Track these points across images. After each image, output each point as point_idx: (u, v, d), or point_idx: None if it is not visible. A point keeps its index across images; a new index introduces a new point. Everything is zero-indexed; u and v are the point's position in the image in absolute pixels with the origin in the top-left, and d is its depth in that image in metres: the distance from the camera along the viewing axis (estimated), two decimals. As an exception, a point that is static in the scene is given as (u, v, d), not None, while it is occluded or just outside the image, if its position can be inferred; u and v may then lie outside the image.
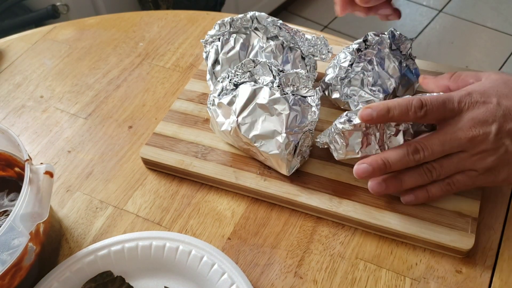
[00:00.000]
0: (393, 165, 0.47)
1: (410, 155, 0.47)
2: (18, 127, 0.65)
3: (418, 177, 0.48)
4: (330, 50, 0.60)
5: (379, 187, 0.49)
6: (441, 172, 0.48)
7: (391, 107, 0.47)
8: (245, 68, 0.54)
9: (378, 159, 0.48)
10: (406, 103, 0.47)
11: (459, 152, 0.47)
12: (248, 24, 0.60)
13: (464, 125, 0.46)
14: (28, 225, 0.43)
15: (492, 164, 0.46)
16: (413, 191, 0.49)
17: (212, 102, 0.55)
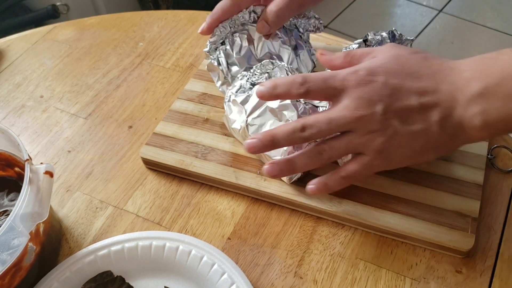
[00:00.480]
0: (281, 141, 0.46)
1: (298, 132, 0.45)
2: (18, 127, 0.65)
3: (309, 160, 0.47)
4: (321, 22, 0.61)
5: (272, 170, 0.47)
6: (331, 154, 0.46)
7: (278, 84, 0.46)
8: (264, 69, 0.54)
9: (266, 134, 0.46)
10: (290, 80, 0.46)
11: (348, 133, 0.45)
12: (245, 19, 0.60)
13: (350, 104, 0.44)
14: (28, 225, 0.43)
15: (382, 146, 0.44)
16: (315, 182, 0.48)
17: (229, 98, 0.55)
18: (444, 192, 0.52)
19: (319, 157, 0.46)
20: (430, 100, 0.43)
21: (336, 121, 0.45)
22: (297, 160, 0.47)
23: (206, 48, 0.60)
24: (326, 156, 0.46)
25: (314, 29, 0.61)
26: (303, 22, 0.61)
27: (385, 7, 2.06)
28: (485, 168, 0.53)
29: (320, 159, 0.46)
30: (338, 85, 0.45)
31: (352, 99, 0.44)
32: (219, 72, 0.60)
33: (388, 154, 0.45)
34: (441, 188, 0.52)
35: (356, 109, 0.44)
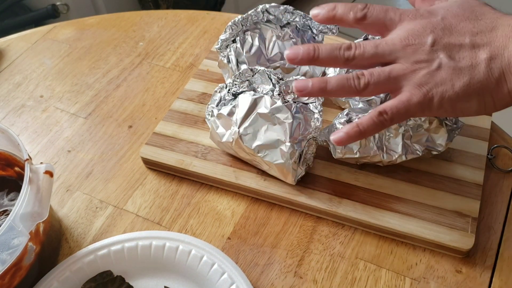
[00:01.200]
0: (322, 54, 0.44)
1: (342, 49, 0.44)
2: (18, 126, 0.65)
3: (344, 81, 0.44)
4: (335, 24, 0.60)
5: (304, 83, 0.45)
6: (370, 80, 0.43)
7: (338, 5, 0.46)
8: (243, 77, 0.53)
9: (310, 45, 0.45)
10: (352, 4, 0.45)
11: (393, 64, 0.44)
12: (258, 18, 0.60)
13: (402, 33, 0.44)
14: (28, 224, 0.43)
15: (424, 79, 0.42)
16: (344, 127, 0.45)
17: (211, 113, 0.55)
18: (444, 192, 0.52)
19: (356, 81, 0.43)
20: (483, 39, 0.43)
21: (383, 47, 0.44)
22: (332, 79, 0.44)
23: (217, 45, 0.60)
24: (364, 81, 0.43)
25: (328, 30, 0.61)
26: (317, 24, 0.61)
27: (385, 7, 2.05)
28: (485, 168, 0.53)
29: (356, 83, 0.43)
30: (396, 17, 0.45)
31: (405, 30, 0.44)
32: (229, 70, 0.60)
33: (429, 90, 0.42)
34: (441, 188, 0.52)
35: (407, 37, 0.43)
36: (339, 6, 0.46)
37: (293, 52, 0.45)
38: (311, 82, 0.44)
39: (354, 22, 0.46)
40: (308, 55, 0.45)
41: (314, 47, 0.44)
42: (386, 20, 0.45)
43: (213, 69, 0.67)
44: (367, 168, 0.54)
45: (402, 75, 0.43)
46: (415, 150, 0.51)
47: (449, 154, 0.55)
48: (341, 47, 0.44)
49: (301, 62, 0.45)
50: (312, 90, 0.45)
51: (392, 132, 0.50)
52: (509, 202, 0.53)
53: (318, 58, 0.45)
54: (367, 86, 0.43)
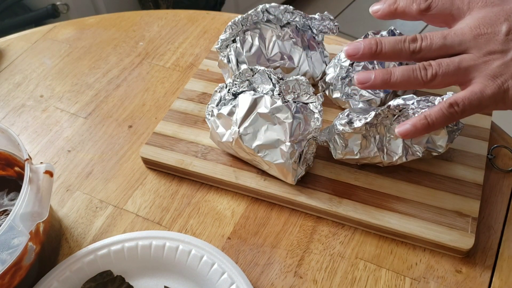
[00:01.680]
0: (385, 47, 0.42)
1: (407, 42, 0.41)
2: (18, 126, 0.65)
3: (410, 72, 0.41)
4: (336, 24, 0.60)
5: (366, 75, 0.42)
6: (438, 71, 0.40)
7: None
8: (243, 77, 0.53)
9: (372, 39, 0.42)
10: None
11: (462, 54, 0.41)
12: (258, 18, 0.60)
13: (472, 22, 0.41)
14: (28, 224, 0.43)
15: (498, 70, 0.39)
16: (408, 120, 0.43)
17: (211, 113, 0.55)
18: (444, 192, 0.52)
19: (423, 72, 0.41)
20: None
21: (451, 37, 0.41)
22: (396, 70, 0.41)
23: (217, 45, 0.60)
24: (431, 72, 0.40)
25: (328, 30, 0.61)
26: (317, 23, 0.61)
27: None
28: (485, 168, 0.53)
29: (423, 74, 0.41)
30: (464, 5, 0.42)
31: (475, 18, 0.41)
32: (229, 70, 0.60)
33: (503, 82, 0.40)
34: (441, 188, 0.52)
35: (478, 26, 0.40)
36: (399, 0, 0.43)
37: (353, 48, 0.43)
38: (373, 74, 0.42)
39: (418, 14, 0.43)
40: (370, 50, 0.42)
41: (376, 41, 0.42)
42: (453, 10, 0.42)
43: (213, 69, 0.67)
44: (367, 168, 0.54)
45: (473, 65, 0.40)
46: (415, 151, 0.51)
47: (449, 154, 0.55)
48: (406, 40, 0.42)
49: (362, 57, 0.43)
50: (375, 82, 0.42)
51: (392, 133, 0.50)
52: (509, 202, 0.53)
53: (381, 52, 0.42)
54: (435, 78, 0.41)
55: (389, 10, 0.44)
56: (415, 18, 0.44)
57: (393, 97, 0.58)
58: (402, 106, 0.49)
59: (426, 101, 0.49)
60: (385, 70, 0.42)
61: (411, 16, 0.44)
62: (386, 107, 0.49)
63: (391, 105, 0.49)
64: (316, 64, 0.61)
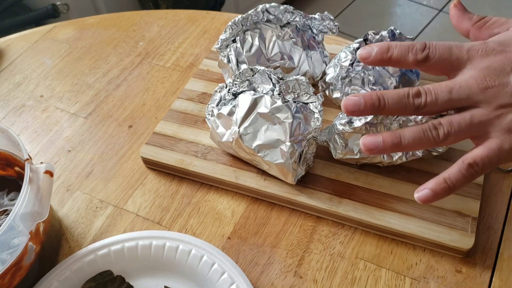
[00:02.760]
0: (388, 104, 0.39)
1: (411, 97, 0.39)
2: (18, 126, 0.65)
3: (421, 133, 0.39)
4: (336, 24, 0.60)
5: (374, 141, 0.40)
6: (450, 131, 0.39)
7: (392, 46, 0.41)
8: (244, 77, 0.53)
9: (373, 93, 0.40)
10: (408, 44, 0.41)
11: (472, 108, 0.39)
12: (258, 18, 0.60)
13: (477, 74, 0.39)
14: (28, 224, 0.43)
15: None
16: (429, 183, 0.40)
17: (211, 113, 0.55)
18: (444, 192, 0.52)
19: (434, 132, 0.39)
20: None
21: (458, 92, 0.39)
22: (406, 133, 0.39)
23: (217, 45, 0.60)
24: (443, 132, 0.39)
25: (328, 30, 0.61)
26: (317, 23, 0.61)
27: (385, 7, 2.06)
28: (485, 167, 0.53)
29: (435, 135, 0.39)
30: (464, 54, 0.40)
31: (479, 69, 0.39)
32: (229, 70, 0.60)
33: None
34: (441, 188, 0.52)
35: (484, 79, 0.38)
36: (394, 47, 0.41)
37: (352, 104, 0.40)
38: (381, 138, 0.40)
39: (414, 65, 0.41)
40: (373, 106, 0.40)
41: (379, 98, 0.40)
42: (452, 60, 0.40)
43: (213, 69, 0.67)
44: (367, 168, 0.54)
45: (485, 121, 0.39)
46: (415, 151, 0.51)
47: (449, 154, 0.55)
48: (409, 95, 0.39)
49: (364, 113, 0.41)
50: (385, 147, 0.40)
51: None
52: (509, 202, 0.53)
53: (384, 108, 0.40)
54: (447, 137, 0.39)
55: (381, 58, 0.41)
56: (410, 67, 0.43)
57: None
58: (402, 106, 0.49)
59: None
60: (393, 134, 0.40)
61: (407, 65, 0.42)
62: (386, 107, 0.49)
63: (391, 105, 0.49)
64: (316, 64, 0.61)
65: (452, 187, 0.39)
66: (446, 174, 0.39)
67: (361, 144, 0.40)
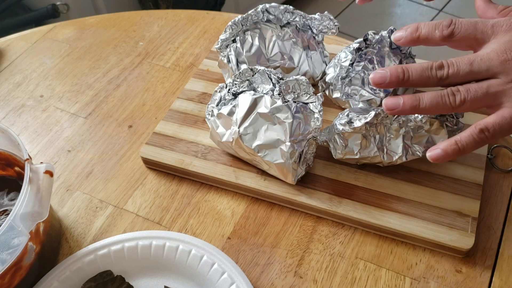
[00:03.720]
0: (412, 76, 0.42)
1: (434, 69, 0.42)
2: (18, 126, 0.65)
3: (439, 98, 0.42)
4: (336, 24, 0.60)
5: (394, 102, 0.43)
6: (466, 97, 0.41)
7: (420, 25, 0.44)
8: (244, 77, 0.53)
9: (398, 67, 0.43)
10: (435, 22, 0.44)
11: (490, 79, 0.41)
12: (258, 18, 0.60)
13: (499, 47, 0.41)
14: (28, 224, 0.43)
15: None
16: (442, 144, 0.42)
17: (211, 113, 0.54)
18: (444, 192, 0.52)
19: (451, 98, 0.41)
20: None
21: (479, 64, 0.41)
22: (425, 97, 0.42)
23: (217, 45, 0.60)
24: (460, 98, 0.41)
25: (328, 30, 0.61)
26: (317, 23, 0.61)
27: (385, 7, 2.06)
28: (485, 167, 0.53)
29: (452, 101, 0.41)
30: (488, 29, 0.42)
31: (502, 43, 0.41)
32: (229, 70, 0.60)
33: None
34: (441, 188, 0.52)
35: (504, 51, 0.41)
36: (422, 26, 0.44)
37: (379, 76, 0.43)
38: (402, 100, 0.42)
39: (441, 40, 0.43)
40: (397, 79, 0.43)
41: (403, 70, 0.43)
42: (477, 34, 0.43)
43: (213, 69, 0.67)
44: (367, 167, 0.54)
45: (501, 91, 0.41)
46: (415, 151, 0.51)
47: (449, 154, 0.55)
48: (432, 67, 0.42)
49: (390, 85, 0.43)
50: (404, 108, 0.43)
51: (392, 133, 0.50)
52: (509, 201, 0.53)
53: (408, 80, 0.43)
54: (463, 103, 0.41)
55: (412, 37, 0.44)
56: (439, 44, 0.45)
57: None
58: (402, 106, 0.49)
59: None
60: (413, 96, 0.43)
61: (435, 42, 0.44)
62: (386, 107, 0.49)
63: (391, 105, 0.49)
64: (316, 64, 0.61)
65: (462, 150, 0.41)
66: (458, 137, 0.42)
67: (383, 104, 0.43)
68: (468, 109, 0.42)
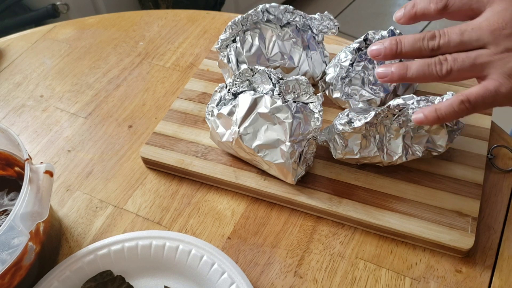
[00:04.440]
0: (405, 47, 0.43)
1: (426, 40, 0.42)
2: (18, 126, 0.65)
3: (426, 67, 0.42)
4: (336, 24, 0.60)
5: (385, 70, 0.44)
6: (453, 67, 0.41)
7: (416, 1, 0.44)
8: (244, 77, 0.53)
9: (392, 39, 0.44)
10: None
11: (479, 49, 0.41)
12: (258, 18, 0.60)
13: (491, 17, 0.40)
14: (28, 224, 0.43)
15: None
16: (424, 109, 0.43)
17: (211, 113, 0.54)
18: (444, 192, 0.52)
19: (438, 67, 0.41)
20: None
21: (469, 33, 0.41)
22: (413, 65, 0.43)
23: (217, 45, 0.60)
24: (446, 68, 0.41)
25: (328, 30, 0.61)
26: (317, 23, 0.61)
27: (385, 7, 2.05)
28: (485, 167, 0.53)
29: (438, 69, 0.41)
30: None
31: (495, 12, 0.41)
32: (229, 70, 0.60)
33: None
34: (441, 188, 0.52)
35: (496, 21, 0.40)
36: (417, 3, 0.44)
37: (375, 49, 0.44)
38: (392, 69, 0.43)
39: (437, 14, 0.43)
40: (391, 50, 0.44)
41: (396, 41, 0.43)
42: (472, 4, 0.42)
43: (213, 69, 0.67)
44: (367, 167, 0.54)
45: (489, 61, 0.40)
46: (415, 151, 0.51)
47: (449, 154, 0.55)
48: (425, 37, 0.42)
49: (386, 57, 0.44)
50: (393, 77, 0.44)
51: (392, 133, 0.50)
52: (509, 201, 0.53)
53: (401, 51, 0.43)
54: (450, 73, 0.41)
55: (409, 14, 0.45)
56: (437, 18, 0.45)
57: (393, 97, 0.58)
58: (402, 106, 0.49)
59: (426, 101, 0.49)
60: (401, 65, 0.43)
61: (431, 16, 0.44)
62: (386, 107, 0.49)
63: (391, 104, 0.49)
64: (316, 64, 0.61)
65: (441, 118, 0.42)
66: (439, 105, 0.42)
67: (376, 72, 0.45)
68: (456, 79, 0.42)
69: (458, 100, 0.41)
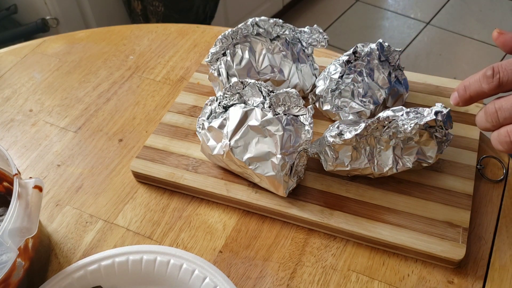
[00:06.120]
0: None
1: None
2: (7, 141, 0.64)
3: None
4: (325, 37, 0.61)
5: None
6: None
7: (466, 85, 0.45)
8: (234, 90, 0.53)
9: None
10: (478, 76, 0.44)
11: None
12: (248, 31, 0.60)
13: None
14: (17, 240, 0.42)
15: None
16: None
17: (202, 126, 0.55)
18: (435, 203, 0.52)
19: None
20: None
21: None
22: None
23: (207, 59, 0.60)
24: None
25: (317, 43, 0.61)
26: (307, 37, 0.61)
27: (373, 20, 2.08)
28: (474, 178, 0.54)
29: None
30: None
31: None
32: (219, 83, 0.60)
33: None
34: (432, 199, 0.52)
35: None
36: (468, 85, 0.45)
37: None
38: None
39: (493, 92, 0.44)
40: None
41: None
42: None
43: (203, 82, 0.67)
44: (358, 179, 0.54)
45: None
46: (405, 163, 0.51)
47: (439, 164, 0.55)
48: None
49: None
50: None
51: (383, 145, 0.51)
52: (499, 211, 0.53)
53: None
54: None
55: (464, 98, 0.46)
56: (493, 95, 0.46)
57: (382, 109, 0.58)
58: (391, 118, 0.49)
59: (415, 113, 0.50)
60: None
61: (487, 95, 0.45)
62: (376, 118, 0.49)
63: (380, 116, 0.49)
64: (306, 77, 0.62)
65: None
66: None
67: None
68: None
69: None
